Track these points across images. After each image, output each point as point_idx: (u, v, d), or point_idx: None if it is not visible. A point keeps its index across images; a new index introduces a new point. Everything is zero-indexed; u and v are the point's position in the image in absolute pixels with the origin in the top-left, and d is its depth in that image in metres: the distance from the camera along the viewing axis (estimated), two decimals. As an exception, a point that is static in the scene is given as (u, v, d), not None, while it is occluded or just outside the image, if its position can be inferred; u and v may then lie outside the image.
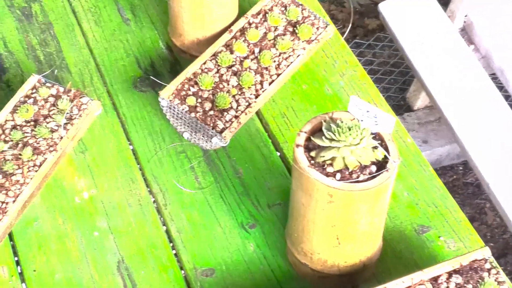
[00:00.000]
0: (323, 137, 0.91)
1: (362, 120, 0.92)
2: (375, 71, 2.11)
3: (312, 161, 0.91)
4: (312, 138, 0.92)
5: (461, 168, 1.92)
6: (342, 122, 0.91)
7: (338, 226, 0.93)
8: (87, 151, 1.16)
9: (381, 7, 1.79)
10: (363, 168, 0.90)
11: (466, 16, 1.77)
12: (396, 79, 2.08)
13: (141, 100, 1.22)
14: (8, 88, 1.23)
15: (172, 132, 1.17)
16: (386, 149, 0.91)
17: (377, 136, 0.92)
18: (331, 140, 0.90)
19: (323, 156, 0.90)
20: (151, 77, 1.23)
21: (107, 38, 1.30)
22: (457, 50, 1.67)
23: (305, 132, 0.93)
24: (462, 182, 1.89)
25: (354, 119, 0.92)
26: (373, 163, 0.90)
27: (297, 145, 0.92)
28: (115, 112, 1.21)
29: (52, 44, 1.29)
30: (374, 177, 0.89)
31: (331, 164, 0.90)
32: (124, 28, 1.32)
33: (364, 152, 0.90)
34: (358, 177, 0.89)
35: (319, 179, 0.88)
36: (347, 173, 0.89)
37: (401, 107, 2.01)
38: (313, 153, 0.92)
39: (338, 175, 0.89)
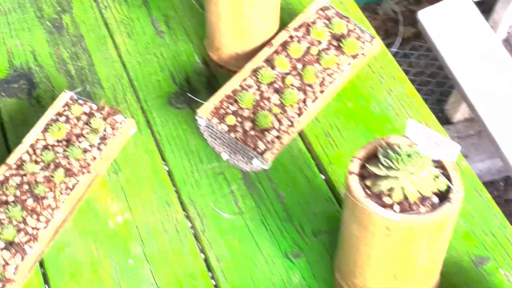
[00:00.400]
0: (380, 165, 0.85)
1: (421, 146, 0.86)
2: (411, 81, 2.04)
3: (368, 191, 0.85)
4: (367, 166, 0.86)
5: (502, 184, 1.84)
6: (400, 148, 0.84)
7: (395, 261, 0.86)
8: (120, 171, 1.11)
9: (420, 15, 1.72)
10: (424, 199, 0.83)
11: (510, 27, 1.70)
12: (433, 90, 2.00)
13: (176, 118, 1.16)
14: (38, 104, 1.18)
15: (210, 152, 1.12)
16: (449, 178, 0.85)
17: (438, 164, 0.86)
18: (389, 168, 0.84)
19: (380, 186, 0.84)
20: (187, 93, 1.18)
21: (140, 51, 1.24)
22: (500, 61, 1.60)
23: (359, 159, 0.87)
24: (504, 199, 1.82)
25: (413, 145, 0.86)
26: (434, 194, 0.84)
27: (351, 173, 0.86)
28: (149, 130, 1.15)
29: (83, 58, 1.24)
30: (436, 209, 0.83)
31: (388, 195, 0.84)
32: (158, 41, 1.26)
33: (425, 181, 0.83)
34: (418, 209, 0.83)
35: (377, 212, 0.82)
36: (406, 204, 0.83)
37: (439, 119, 1.94)
38: (368, 182, 0.85)
39: (397, 207, 0.83)
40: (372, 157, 0.88)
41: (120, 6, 1.30)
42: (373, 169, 0.85)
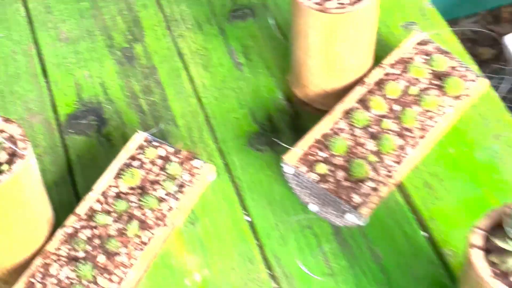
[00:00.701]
0: (507, 239, 0.74)
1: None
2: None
3: (493, 268, 0.74)
4: (490, 238, 0.75)
5: None
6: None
7: None
8: (197, 222, 1.01)
9: (507, 40, 1.60)
10: None
11: None
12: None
13: (257, 161, 1.06)
14: (108, 143, 1.10)
15: (296, 201, 1.01)
16: None
17: None
18: (521, 244, 0.73)
19: (509, 263, 0.73)
20: (269, 133, 1.07)
21: (217, 85, 1.15)
22: None
23: (483, 229, 0.76)
24: None
25: (547, 216, 0.75)
26: None
27: (473, 246, 0.75)
28: (229, 175, 1.05)
29: (156, 92, 1.15)
30: None
31: (521, 276, 0.73)
32: (236, 74, 1.16)
33: None
34: (557, 294, 0.72)
35: (508, 297, 0.71)
36: (543, 289, 0.72)
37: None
38: (493, 258, 0.74)
39: (532, 292, 0.72)
40: (496, 227, 0.77)
41: (195, 35, 1.21)
42: (499, 243, 0.74)
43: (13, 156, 0.87)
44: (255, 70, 1.16)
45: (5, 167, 0.86)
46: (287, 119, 1.10)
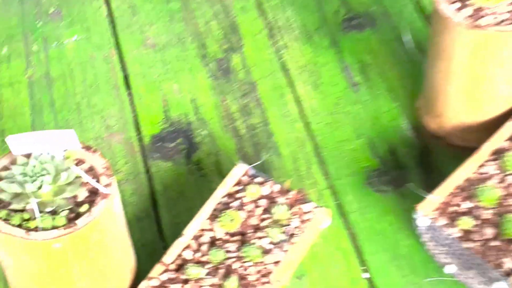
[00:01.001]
0: None
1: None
2: None
3: None
4: None
5: None
6: None
7: None
8: (305, 276, 0.85)
9: None
10: None
11: None
12: None
13: (379, 205, 0.87)
14: (199, 172, 0.93)
15: (427, 258, 0.82)
16: None
17: None
18: None
19: None
20: (392, 170, 0.88)
21: (329, 108, 0.97)
22: None
23: None
24: None
25: None
26: None
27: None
28: (343, 220, 0.88)
29: (256, 113, 0.97)
30: None
31: None
32: (352, 96, 0.97)
33: None
34: None
35: None
36: None
37: None
38: None
39: None
40: None
41: (303, 46, 1.03)
42: None
43: (93, 194, 0.72)
44: (375, 92, 0.98)
45: (84, 207, 0.71)
46: (415, 154, 0.91)
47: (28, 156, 0.71)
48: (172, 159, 0.94)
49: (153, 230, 0.88)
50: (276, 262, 0.79)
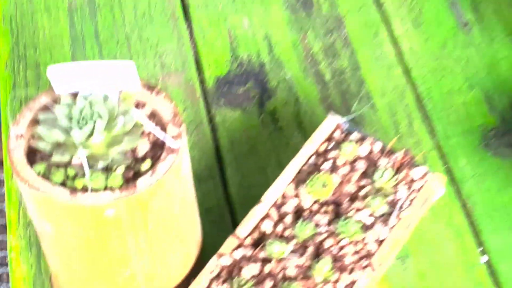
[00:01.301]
0: None
1: None
2: None
3: None
4: None
5: None
6: None
7: None
8: (408, 258, 0.68)
9: None
10: None
11: None
12: None
13: (499, 172, 0.69)
14: (274, 124, 0.77)
15: None
16: None
17: None
18: None
19: None
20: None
21: (434, 52, 0.78)
22: None
23: None
24: None
25: None
26: None
27: None
28: (455, 190, 0.71)
29: (344, 55, 0.80)
30: None
31: None
32: (462, 38, 0.79)
33: None
34: None
35: None
36: None
37: None
38: None
39: None
40: None
41: (401, -25, 0.88)
42: None
43: (157, 148, 0.55)
44: (490, 33, 0.80)
45: (146, 164, 0.56)
46: (541, 111, 0.77)
47: (74, 95, 0.56)
48: (241, 107, 0.77)
49: (218, 193, 0.72)
50: (379, 241, 0.64)
